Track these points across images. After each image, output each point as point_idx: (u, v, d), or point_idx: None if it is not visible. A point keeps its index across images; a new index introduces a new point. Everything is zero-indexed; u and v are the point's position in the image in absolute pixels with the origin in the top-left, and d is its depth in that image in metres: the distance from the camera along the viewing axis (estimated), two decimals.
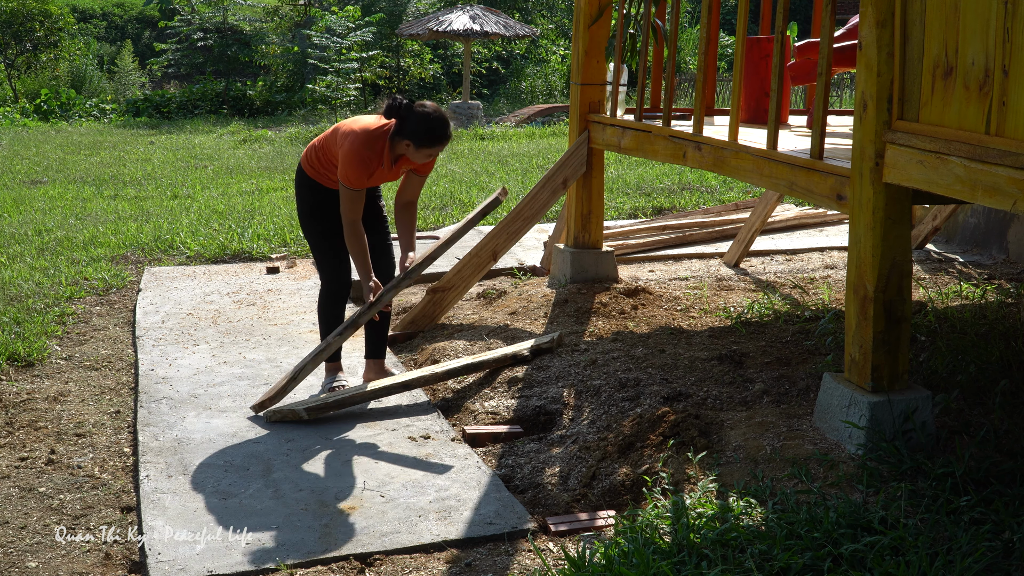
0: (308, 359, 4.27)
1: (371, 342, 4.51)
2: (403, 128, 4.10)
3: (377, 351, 4.51)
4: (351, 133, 4.15)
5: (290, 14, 22.26)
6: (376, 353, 4.51)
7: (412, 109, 4.09)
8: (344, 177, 4.12)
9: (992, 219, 6.70)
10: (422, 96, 22.80)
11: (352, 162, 4.10)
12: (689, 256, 6.83)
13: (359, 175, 4.12)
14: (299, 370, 4.23)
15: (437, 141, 4.11)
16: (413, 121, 4.07)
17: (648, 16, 5.11)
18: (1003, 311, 4.82)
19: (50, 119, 18.60)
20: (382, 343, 4.52)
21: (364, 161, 4.12)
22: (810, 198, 3.79)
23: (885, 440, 3.24)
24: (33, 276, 6.44)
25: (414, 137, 4.08)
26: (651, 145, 4.97)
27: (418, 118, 4.07)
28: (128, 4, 30.00)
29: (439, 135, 4.10)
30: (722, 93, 18.85)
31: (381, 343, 4.52)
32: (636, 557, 2.71)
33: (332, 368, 4.50)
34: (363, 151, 4.11)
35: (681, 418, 3.65)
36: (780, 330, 4.75)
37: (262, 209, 8.86)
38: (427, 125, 4.07)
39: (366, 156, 4.12)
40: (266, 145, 14.37)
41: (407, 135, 4.09)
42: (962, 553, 2.60)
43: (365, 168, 4.13)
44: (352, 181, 4.12)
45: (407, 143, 4.10)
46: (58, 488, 3.59)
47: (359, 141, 4.12)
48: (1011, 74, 2.74)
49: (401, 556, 3.05)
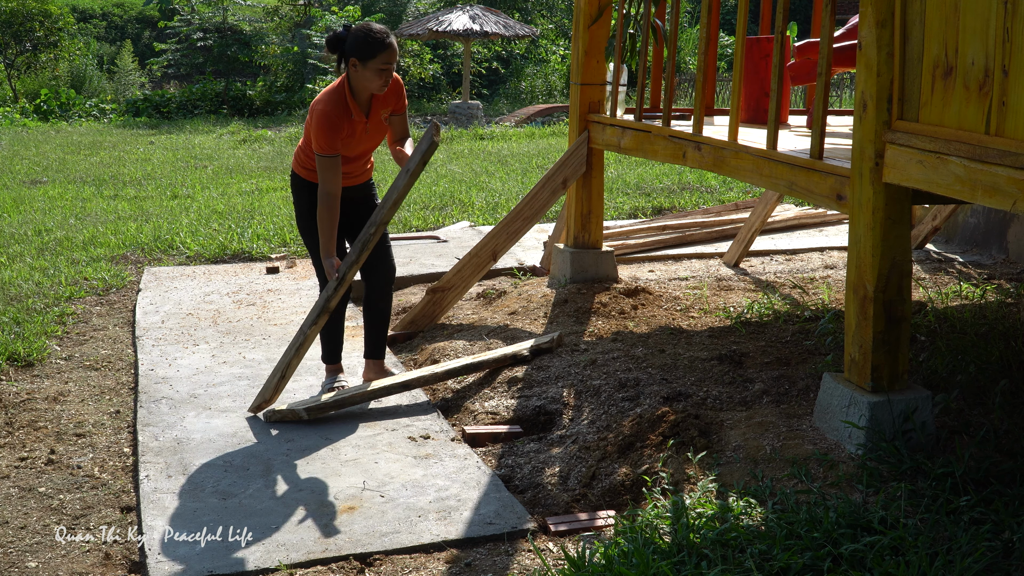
0: (291, 354, 4.19)
1: (371, 342, 4.50)
2: (344, 53, 4.00)
3: (377, 351, 4.51)
4: (314, 102, 4.07)
5: (290, 14, 22.26)
6: (376, 353, 4.51)
7: (342, 32, 4.01)
8: (317, 146, 4.00)
9: (992, 219, 6.70)
10: (421, 95, 22.81)
11: (321, 125, 3.98)
12: (689, 256, 6.83)
13: (330, 137, 3.99)
14: (285, 366, 4.17)
15: (378, 47, 3.94)
16: (350, 40, 3.97)
17: (648, 16, 5.11)
18: (1003, 311, 4.82)
19: (50, 119, 18.60)
20: (382, 343, 4.51)
21: (331, 119, 3.98)
22: (810, 198, 3.79)
23: (885, 440, 3.24)
24: (33, 276, 6.44)
25: (355, 53, 3.95)
26: (651, 145, 4.97)
27: (352, 34, 3.98)
28: (128, 4, 30.01)
29: (376, 39, 3.95)
30: (722, 93, 18.85)
31: (381, 343, 4.51)
32: (636, 557, 2.71)
33: (332, 369, 4.50)
34: (328, 109, 3.99)
35: (681, 418, 3.65)
36: (780, 330, 4.75)
37: (262, 209, 8.86)
38: (361, 35, 3.95)
39: (332, 114, 3.99)
40: (266, 145, 14.37)
41: (349, 55, 3.97)
42: (962, 553, 2.60)
43: (334, 127, 3.99)
44: (324, 146, 3.99)
45: (353, 63, 3.97)
46: (58, 488, 3.59)
47: (322, 102, 4.02)
48: (1011, 74, 2.75)
49: (401, 556, 3.05)
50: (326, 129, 3.98)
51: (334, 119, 4.00)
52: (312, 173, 4.22)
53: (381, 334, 4.49)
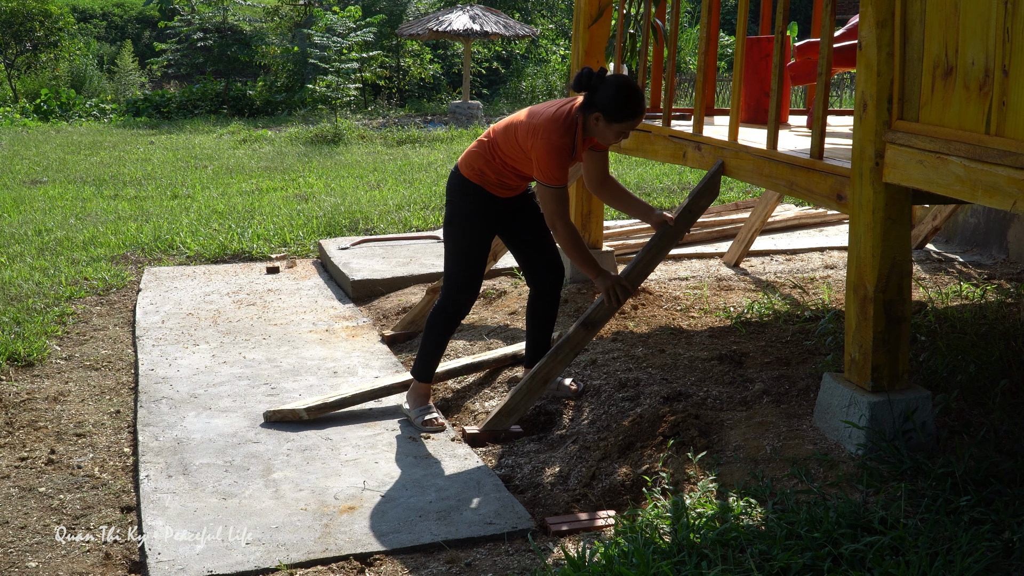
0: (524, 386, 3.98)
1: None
2: (593, 99, 3.70)
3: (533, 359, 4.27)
4: (541, 127, 3.73)
5: (290, 14, 22.27)
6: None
7: (603, 78, 3.71)
8: (545, 176, 3.72)
9: (992, 219, 6.70)
10: (421, 95, 22.81)
11: (552, 156, 3.70)
12: (689, 256, 6.83)
13: (562, 169, 3.72)
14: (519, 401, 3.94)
15: (631, 115, 3.71)
16: (605, 91, 3.68)
17: (648, 16, 5.11)
18: (1003, 311, 4.82)
19: (50, 119, 18.60)
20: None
21: (564, 151, 3.71)
22: (810, 198, 3.78)
23: (885, 440, 3.24)
24: (33, 276, 6.44)
25: (606, 110, 3.68)
26: (651, 145, 4.97)
27: (611, 86, 3.68)
28: (128, 4, 30.00)
29: (633, 107, 3.70)
30: (722, 93, 18.84)
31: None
32: (636, 557, 2.71)
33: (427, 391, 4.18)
34: (563, 143, 3.71)
35: (681, 418, 3.65)
36: (780, 330, 4.75)
37: (262, 209, 8.86)
38: (622, 95, 3.67)
39: (565, 145, 3.71)
40: (266, 145, 14.37)
41: (598, 107, 3.69)
42: (962, 553, 2.60)
43: (566, 159, 3.73)
44: (556, 177, 3.71)
45: (596, 116, 3.71)
46: (58, 488, 3.59)
47: (557, 131, 3.70)
48: (1011, 74, 2.74)
49: (401, 556, 3.05)
50: (558, 159, 3.72)
51: (566, 151, 3.75)
52: (487, 182, 3.93)
53: None
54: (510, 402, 3.96)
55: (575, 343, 4.01)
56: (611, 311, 4.04)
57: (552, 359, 3.98)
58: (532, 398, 3.99)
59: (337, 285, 6.41)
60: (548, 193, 3.76)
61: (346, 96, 17.93)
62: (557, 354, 3.99)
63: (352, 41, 18.35)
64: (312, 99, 18.32)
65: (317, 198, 9.55)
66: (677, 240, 4.21)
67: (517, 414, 3.97)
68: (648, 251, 4.13)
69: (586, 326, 4.02)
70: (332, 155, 13.11)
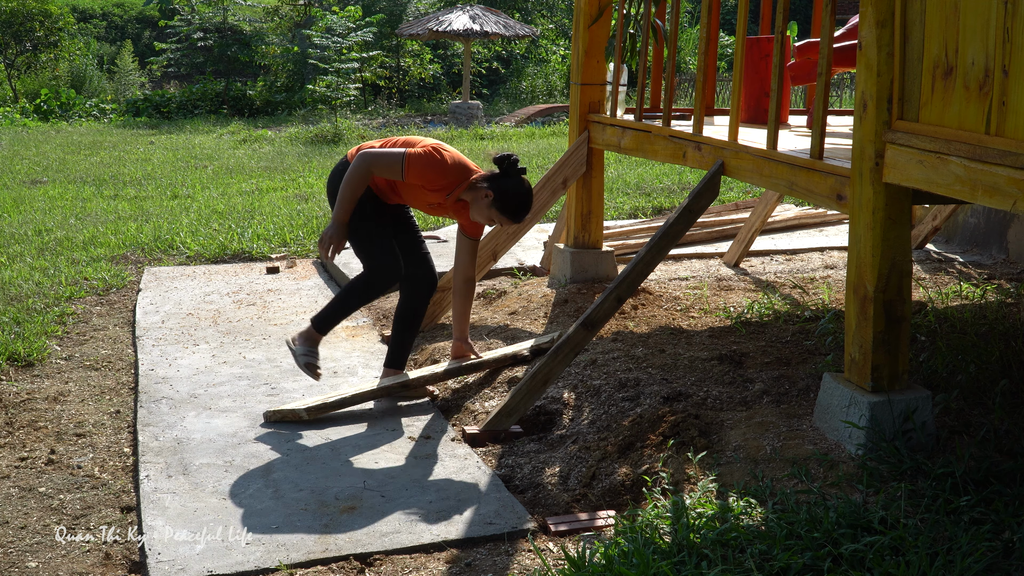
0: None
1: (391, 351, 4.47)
2: (498, 181, 4.00)
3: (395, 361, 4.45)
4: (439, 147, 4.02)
5: (290, 14, 22.27)
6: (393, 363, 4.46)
7: (521, 171, 4.03)
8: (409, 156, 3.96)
9: (992, 219, 6.70)
10: (421, 95, 22.81)
11: (429, 165, 3.97)
12: (689, 256, 6.83)
13: (421, 170, 3.96)
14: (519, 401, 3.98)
15: (516, 218, 4.07)
16: (510, 185, 4.00)
17: (648, 16, 5.11)
18: (1003, 311, 4.82)
19: (50, 119, 18.61)
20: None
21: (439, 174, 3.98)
22: (810, 198, 3.79)
23: (885, 440, 3.24)
24: (33, 276, 6.44)
25: (502, 198, 3.99)
26: (651, 145, 4.97)
27: (521, 184, 4.01)
28: (128, 4, 30.00)
29: (522, 212, 4.06)
30: (722, 93, 18.85)
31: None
32: (636, 557, 2.71)
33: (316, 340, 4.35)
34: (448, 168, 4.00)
35: (681, 418, 3.65)
36: (780, 330, 4.75)
37: (262, 209, 8.86)
38: (520, 199, 4.01)
39: (441, 174, 3.99)
40: (266, 145, 14.37)
41: (496, 191, 4.00)
42: (962, 553, 2.60)
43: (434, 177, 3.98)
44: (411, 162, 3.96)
45: (487, 194, 4.00)
46: (58, 488, 3.59)
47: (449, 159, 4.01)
48: (1011, 74, 2.74)
49: (401, 556, 3.04)
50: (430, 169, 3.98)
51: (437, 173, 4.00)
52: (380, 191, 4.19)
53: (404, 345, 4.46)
54: (510, 402, 3.97)
55: (575, 343, 4.02)
56: (611, 311, 4.09)
57: (552, 359, 3.99)
58: (532, 398, 3.99)
59: (337, 285, 6.41)
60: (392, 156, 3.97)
61: (346, 96, 17.93)
62: (557, 354, 3.99)
63: (352, 41, 18.36)
64: (312, 99, 18.32)
65: (317, 198, 9.55)
66: (677, 240, 4.24)
67: (517, 414, 3.97)
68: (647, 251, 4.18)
69: (586, 326, 4.03)
70: (332, 155, 13.11)
